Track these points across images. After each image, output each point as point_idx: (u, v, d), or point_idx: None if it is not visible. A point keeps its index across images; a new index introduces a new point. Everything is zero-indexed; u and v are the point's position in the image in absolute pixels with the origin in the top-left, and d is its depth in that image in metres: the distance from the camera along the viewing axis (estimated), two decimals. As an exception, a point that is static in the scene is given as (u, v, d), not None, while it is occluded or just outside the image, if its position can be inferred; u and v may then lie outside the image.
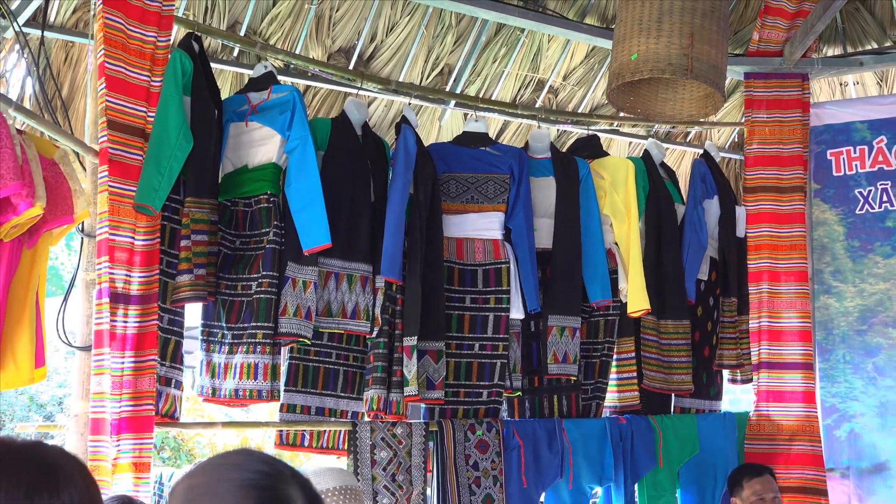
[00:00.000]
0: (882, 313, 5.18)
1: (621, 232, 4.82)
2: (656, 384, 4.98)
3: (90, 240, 3.70)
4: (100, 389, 3.43)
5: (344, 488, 2.39)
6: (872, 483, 5.08)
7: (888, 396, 5.10)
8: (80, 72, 4.21)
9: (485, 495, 4.32)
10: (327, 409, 4.18)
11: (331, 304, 4.10)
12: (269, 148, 3.99)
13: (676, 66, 3.88)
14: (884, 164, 5.25)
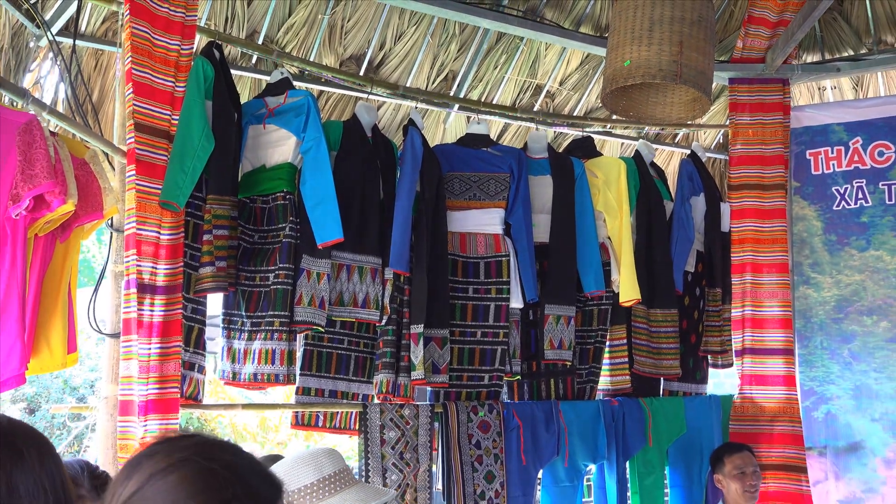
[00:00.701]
0: (857, 303, 5.18)
1: (614, 227, 4.82)
2: (646, 369, 4.99)
3: (119, 234, 3.71)
4: (128, 373, 3.44)
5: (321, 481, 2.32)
6: (848, 461, 5.08)
7: (862, 380, 5.10)
8: (109, 78, 4.21)
9: (486, 472, 4.32)
10: (340, 392, 4.18)
11: (343, 294, 4.10)
12: (285, 149, 3.99)
13: (666, 72, 3.88)
14: (859, 163, 5.24)
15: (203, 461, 1.27)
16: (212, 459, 1.28)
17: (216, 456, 1.29)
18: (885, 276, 5.14)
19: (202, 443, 1.32)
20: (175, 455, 1.28)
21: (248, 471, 1.31)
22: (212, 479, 1.26)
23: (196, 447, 1.30)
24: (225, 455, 1.31)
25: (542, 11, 5.10)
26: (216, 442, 1.34)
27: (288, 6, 4.65)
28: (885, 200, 5.17)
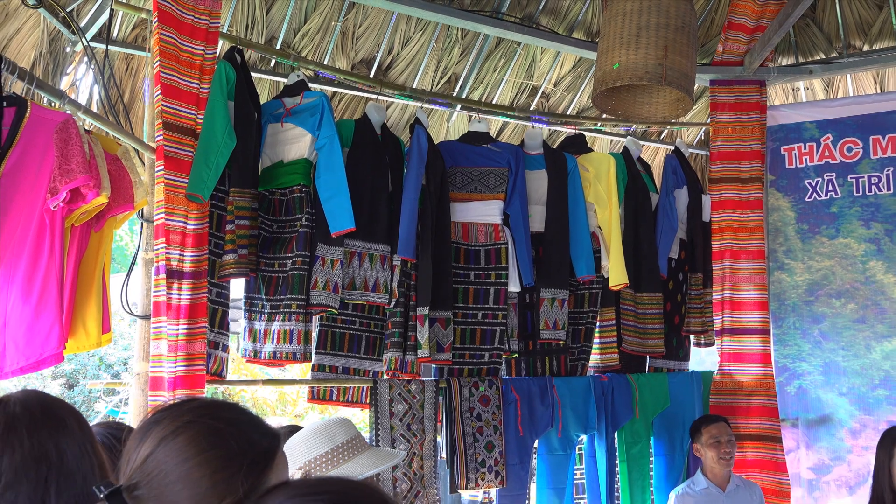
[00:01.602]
0: (827, 286, 5.17)
1: (603, 217, 4.81)
2: (633, 347, 4.99)
3: (148, 224, 3.70)
4: (158, 352, 3.44)
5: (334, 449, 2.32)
6: (818, 432, 5.09)
7: (831, 357, 5.10)
8: (139, 80, 4.20)
9: (486, 442, 4.33)
10: (352, 369, 4.19)
11: (355, 279, 4.10)
12: (301, 145, 3.99)
13: (652, 74, 3.86)
14: (829, 158, 5.23)
15: (207, 421, 1.29)
16: (215, 419, 1.30)
17: (218, 415, 1.31)
18: (852, 262, 5.13)
19: (204, 405, 1.35)
20: (181, 419, 1.29)
21: (248, 425, 1.32)
22: (216, 437, 1.27)
23: (199, 409, 1.32)
24: (225, 413, 1.32)
25: (537, 18, 5.09)
26: (216, 403, 1.36)
27: (303, 14, 4.64)
28: (853, 192, 5.15)
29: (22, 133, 2.99)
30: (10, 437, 1.46)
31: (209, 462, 1.25)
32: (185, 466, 1.25)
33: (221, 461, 1.26)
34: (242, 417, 1.34)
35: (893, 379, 4.95)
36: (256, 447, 1.30)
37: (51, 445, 1.48)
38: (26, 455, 1.46)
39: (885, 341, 4.99)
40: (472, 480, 4.28)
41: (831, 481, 5.04)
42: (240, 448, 1.28)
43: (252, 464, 1.27)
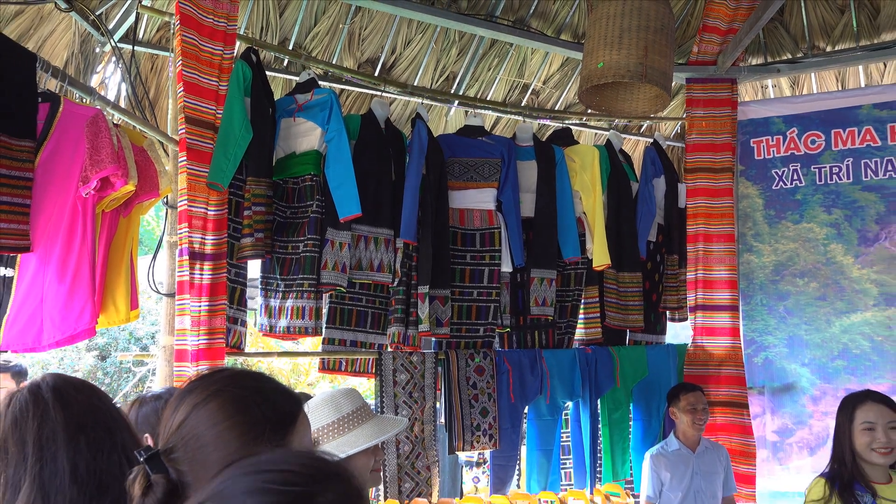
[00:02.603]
0: (791, 267, 5.17)
1: (588, 204, 4.80)
2: (615, 322, 4.99)
3: (173, 210, 3.69)
4: (182, 327, 3.44)
5: (340, 419, 2.31)
6: (782, 399, 5.10)
7: (794, 331, 5.11)
8: (164, 78, 4.17)
9: (481, 408, 4.33)
10: (359, 342, 4.18)
11: (361, 260, 4.09)
12: (312, 138, 3.97)
13: (634, 73, 3.84)
14: (794, 150, 5.22)
15: (234, 389, 1.30)
16: (241, 387, 1.30)
17: (244, 384, 1.32)
18: (814, 244, 5.13)
19: (232, 375, 1.35)
20: (211, 388, 1.30)
21: (272, 392, 1.33)
22: (242, 403, 1.28)
23: (227, 379, 1.33)
24: (251, 382, 1.33)
25: (528, 21, 5.06)
26: (243, 372, 1.36)
27: (314, 17, 4.61)
28: (816, 181, 5.14)
29: (56, 126, 2.97)
30: (63, 397, 1.50)
31: (237, 426, 1.26)
32: (215, 430, 1.26)
33: (248, 425, 1.27)
34: (266, 385, 1.34)
35: (851, 351, 4.95)
36: (279, 411, 1.31)
37: (94, 399, 1.53)
38: (83, 406, 1.50)
39: (843, 317, 5.00)
40: (468, 443, 4.29)
41: (794, 443, 5.06)
42: (263, 413, 1.29)
43: (275, 426, 1.28)
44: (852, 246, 5.02)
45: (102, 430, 1.50)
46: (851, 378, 4.91)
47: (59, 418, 1.47)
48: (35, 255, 2.95)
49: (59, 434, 1.46)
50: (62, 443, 1.45)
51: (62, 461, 1.44)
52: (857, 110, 5.07)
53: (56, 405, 1.48)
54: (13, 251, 2.83)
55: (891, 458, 2.92)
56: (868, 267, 4.97)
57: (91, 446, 1.47)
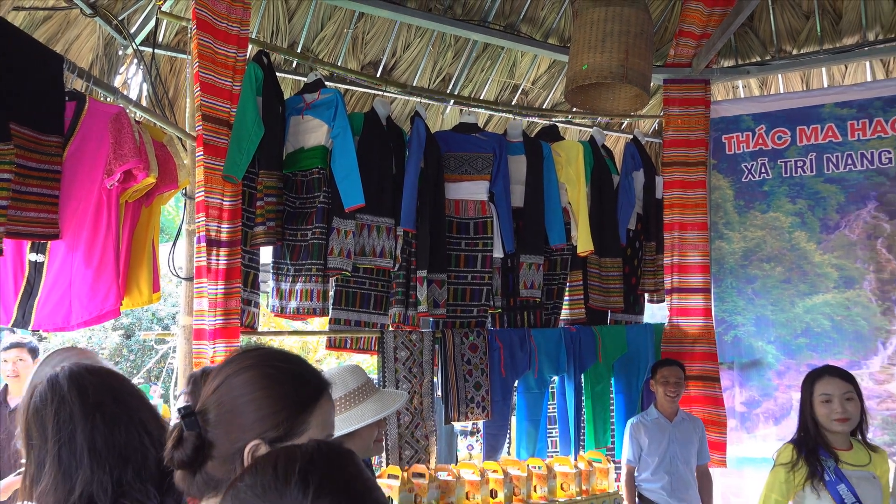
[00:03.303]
0: (759, 253, 5.18)
1: (573, 195, 4.80)
2: (597, 303, 4.99)
3: (191, 201, 3.67)
4: (200, 308, 3.43)
5: (347, 395, 2.31)
6: (749, 373, 5.12)
7: (761, 312, 5.12)
8: (182, 79, 4.14)
9: (475, 382, 4.34)
10: (363, 322, 4.18)
11: (364, 246, 4.08)
12: (318, 134, 3.94)
13: (615, 74, 3.82)
14: (763, 145, 5.21)
15: (266, 365, 1.32)
16: (272, 365, 1.33)
17: (275, 362, 1.33)
18: (780, 232, 5.13)
19: (266, 352, 1.38)
20: (245, 363, 1.33)
21: (300, 371, 1.35)
22: (271, 378, 1.30)
23: (261, 356, 1.36)
24: (282, 361, 1.35)
25: (518, 26, 5.03)
26: (277, 352, 1.38)
27: (320, 22, 4.57)
28: (782, 174, 5.14)
29: (82, 123, 2.96)
30: (78, 382, 1.51)
31: (263, 398, 1.28)
32: (242, 399, 1.28)
33: (273, 398, 1.29)
34: (296, 365, 1.35)
35: (812, 329, 4.97)
36: (303, 389, 1.32)
37: (112, 381, 1.53)
38: (99, 389, 1.50)
39: (806, 298, 5.01)
40: (463, 414, 4.30)
41: (760, 413, 5.08)
42: (288, 389, 1.30)
43: (299, 402, 1.30)
44: (815, 233, 5.02)
45: (119, 407, 1.52)
46: (813, 354, 4.92)
47: (76, 401, 1.49)
48: (64, 242, 2.94)
49: (76, 415, 1.47)
50: (79, 422, 1.47)
51: (80, 439, 1.46)
52: (820, 109, 5.06)
53: (72, 390, 1.51)
54: (43, 238, 2.82)
55: (848, 425, 2.94)
56: (829, 253, 4.98)
57: (108, 423, 1.49)
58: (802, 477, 2.91)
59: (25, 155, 2.61)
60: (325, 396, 1.36)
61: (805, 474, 2.91)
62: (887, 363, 4.75)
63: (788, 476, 2.94)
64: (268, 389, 1.29)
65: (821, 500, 2.89)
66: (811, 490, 2.90)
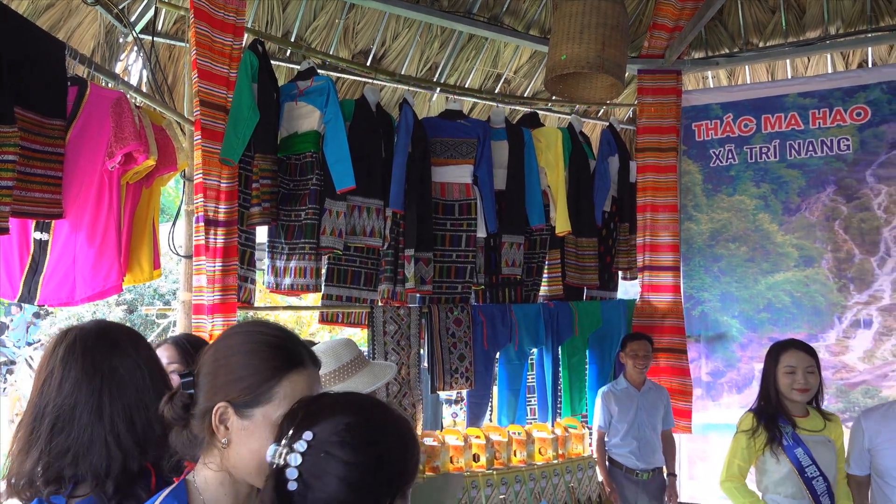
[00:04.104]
0: (725, 233, 5.20)
1: (552, 178, 4.79)
2: (574, 280, 5.01)
3: (190, 182, 3.63)
4: (199, 284, 3.40)
5: (340, 367, 2.30)
6: (715, 346, 5.16)
7: (727, 288, 5.15)
8: (180, 66, 4.08)
9: (459, 354, 4.35)
10: (354, 298, 4.17)
11: (355, 226, 4.06)
12: (311, 120, 3.90)
13: (593, 64, 3.81)
14: (730, 132, 5.21)
15: (248, 333, 1.32)
16: (253, 334, 1.32)
17: (258, 332, 1.32)
18: (745, 214, 5.15)
19: (255, 323, 1.38)
20: (236, 329, 1.35)
21: (280, 341, 1.32)
22: (256, 343, 1.30)
23: (249, 325, 1.36)
24: (265, 332, 1.33)
25: (501, 18, 4.98)
26: (265, 323, 1.37)
27: (313, 12, 4.51)
28: (748, 160, 5.15)
29: (83, 107, 2.90)
30: (67, 358, 1.46)
31: (234, 363, 1.27)
32: (219, 363, 1.28)
33: (241, 365, 1.27)
34: (274, 338, 1.32)
35: (774, 305, 5.01)
36: (286, 353, 1.30)
37: (104, 364, 1.47)
38: (80, 371, 1.45)
39: (768, 276, 5.05)
40: (448, 384, 4.32)
41: (724, 383, 5.13)
42: (256, 359, 1.28)
43: (264, 373, 1.27)
44: (777, 215, 5.05)
45: (118, 383, 1.48)
46: (774, 328, 4.97)
47: (79, 361, 1.46)
48: (67, 221, 2.90)
49: (81, 377, 1.44)
50: (83, 384, 1.44)
51: (82, 400, 1.43)
52: (783, 98, 5.07)
53: (85, 351, 1.48)
54: (48, 218, 2.78)
55: (807, 396, 2.98)
56: (790, 233, 5.01)
57: (110, 388, 1.46)
58: (762, 442, 2.95)
59: (29, 138, 2.57)
60: (298, 371, 1.30)
61: (765, 440, 2.95)
62: (842, 336, 4.81)
63: (749, 442, 2.98)
64: (242, 355, 1.28)
65: (780, 464, 2.93)
66: (770, 454, 2.94)
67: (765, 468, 2.99)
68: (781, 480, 2.93)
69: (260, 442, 1.24)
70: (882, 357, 4.70)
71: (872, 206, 4.81)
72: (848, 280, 4.83)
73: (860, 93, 4.86)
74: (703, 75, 5.89)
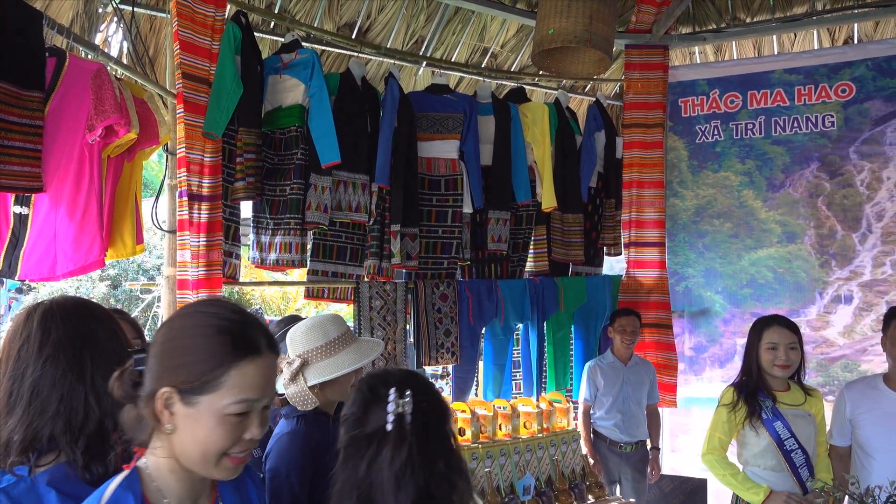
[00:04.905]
0: (710, 209, 5.22)
1: (538, 154, 4.77)
2: (559, 256, 5.01)
3: (172, 156, 3.58)
4: (183, 259, 3.38)
5: (328, 343, 2.28)
6: (698, 321, 5.21)
7: (710, 264, 5.19)
8: (161, 37, 3.99)
9: (445, 329, 4.36)
10: (339, 273, 4.15)
11: (341, 201, 4.03)
12: (296, 93, 3.85)
13: (580, 39, 3.77)
14: (716, 108, 5.21)
15: (201, 315, 1.26)
16: (207, 316, 1.26)
17: (212, 315, 1.26)
18: (730, 190, 5.17)
19: (211, 304, 1.33)
20: (189, 309, 1.30)
21: (235, 326, 1.25)
22: (200, 328, 1.24)
23: (203, 306, 1.32)
24: (220, 316, 1.26)
25: (488, -9, 4.92)
26: (222, 304, 1.30)
27: (297, -16, 4.43)
28: (733, 136, 5.16)
29: (62, 79, 2.84)
30: (46, 323, 1.45)
31: (183, 347, 1.22)
32: (168, 345, 1.23)
33: (190, 349, 1.22)
34: (230, 323, 1.25)
35: (757, 280, 5.05)
36: (222, 347, 1.22)
37: (83, 328, 1.47)
38: (62, 335, 1.45)
39: (752, 252, 5.08)
40: (434, 358, 4.33)
41: (707, 358, 5.19)
42: (206, 343, 1.22)
43: (213, 359, 1.21)
44: (761, 192, 5.07)
45: (75, 360, 1.45)
46: (756, 304, 5.01)
47: (36, 342, 1.44)
48: (47, 195, 2.86)
49: (32, 356, 1.42)
50: (32, 364, 1.42)
51: (27, 381, 1.41)
52: (770, 74, 5.06)
53: (38, 329, 1.45)
54: (27, 191, 2.73)
55: (788, 372, 3.01)
56: (774, 210, 5.04)
57: (57, 371, 1.43)
58: (742, 416, 2.99)
59: (7, 109, 2.52)
60: (251, 359, 1.23)
61: (745, 414, 2.99)
62: (823, 311, 4.87)
63: (730, 416, 3.02)
64: (193, 339, 1.22)
65: (759, 437, 2.97)
66: (750, 428, 2.98)
67: (745, 441, 3.03)
68: (761, 453, 2.97)
69: (205, 431, 1.19)
70: (861, 332, 4.76)
71: (855, 183, 4.84)
72: (830, 256, 4.87)
73: (845, 69, 4.87)
74: (690, 51, 5.87)
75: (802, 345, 3.05)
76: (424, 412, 1.53)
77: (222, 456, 1.21)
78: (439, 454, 1.50)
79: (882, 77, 4.77)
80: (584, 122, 5.26)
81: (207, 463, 1.20)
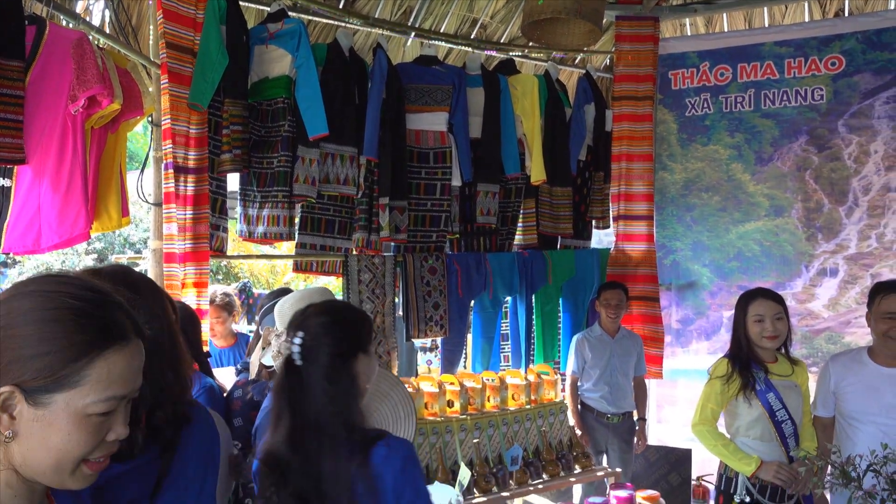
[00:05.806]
0: (698, 183, 5.22)
1: (528, 126, 4.74)
2: (548, 229, 5.01)
3: (157, 128, 3.53)
4: (170, 232, 3.35)
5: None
6: (685, 294, 5.23)
7: (698, 238, 5.19)
8: (145, 6, 3.90)
9: (434, 302, 4.36)
10: (328, 246, 4.13)
11: (329, 174, 4.00)
12: (283, 64, 3.79)
13: (570, 10, 3.73)
14: (706, 81, 5.18)
15: (45, 297, 1.00)
16: (53, 298, 1.00)
17: (58, 294, 1.00)
18: (719, 164, 5.16)
19: (52, 281, 1.03)
20: (25, 288, 1.02)
21: (91, 307, 1.01)
22: (47, 312, 0.99)
23: (44, 284, 1.03)
24: (68, 294, 1.01)
25: (477, -40, 4.85)
26: (69, 281, 1.03)
27: (283, -49, 4.33)
28: (723, 109, 5.14)
29: (43, 48, 2.79)
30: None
31: (25, 336, 0.97)
32: (7, 331, 0.97)
33: (36, 338, 0.97)
34: (83, 303, 1.01)
35: (744, 254, 5.07)
36: (81, 335, 0.99)
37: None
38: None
39: (739, 225, 5.09)
40: (423, 331, 4.34)
41: (693, 330, 5.22)
42: (57, 331, 0.97)
43: (70, 350, 0.98)
44: (750, 165, 5.07)
45: None
46: (743, 277, 5.04)
47: None
48: (30, 167, 2.82)
49: None
50: None
51: None
52: (760, 47, 5.03)
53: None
54: (9, 163, 2.68)
55: (777, 342, 3.03)
56: (762, 183, 5.04)
57: None
58: (736, 388, 3.02)
59: (-14, 79, 2.46)
60: (119, 348, 1.01)
61: (738, 385, 3.01)
62: (809, 284, 4.90)
63: (724, 387, 3.05)
64: (37, 325, 0.97)
65: (752, 408, 3.00)
66: (743, 399, 3.01)
67: (736, 412, 3.06)
68: (752, 424, 3.01)
69: (60, 436, 0.97)
70: (846, 304, 4.80)
71: (843, 157, 4.85)
72: (816, 229, 4.89)
73: (836, 42, 4.84)
74: (680, 22, 5.82)
75: (788, 315, 3.07)
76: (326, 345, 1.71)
77: (80, 463, 1.00)
78: None
79: (872, 50, 4.76)
80: (573, 95, 5.22)
81: (61, 472, 0.99)
